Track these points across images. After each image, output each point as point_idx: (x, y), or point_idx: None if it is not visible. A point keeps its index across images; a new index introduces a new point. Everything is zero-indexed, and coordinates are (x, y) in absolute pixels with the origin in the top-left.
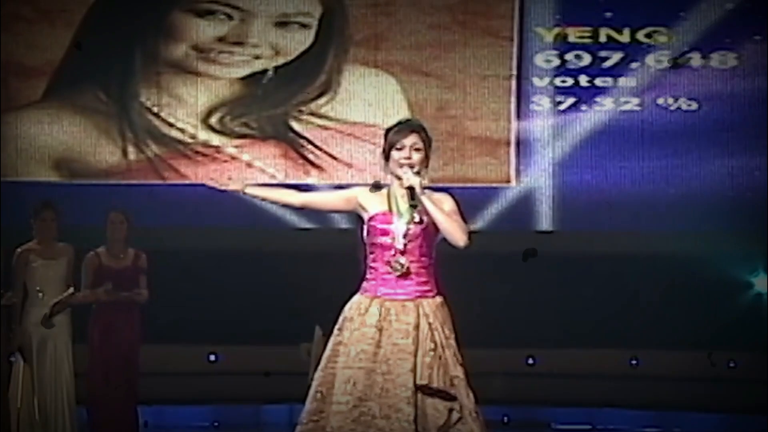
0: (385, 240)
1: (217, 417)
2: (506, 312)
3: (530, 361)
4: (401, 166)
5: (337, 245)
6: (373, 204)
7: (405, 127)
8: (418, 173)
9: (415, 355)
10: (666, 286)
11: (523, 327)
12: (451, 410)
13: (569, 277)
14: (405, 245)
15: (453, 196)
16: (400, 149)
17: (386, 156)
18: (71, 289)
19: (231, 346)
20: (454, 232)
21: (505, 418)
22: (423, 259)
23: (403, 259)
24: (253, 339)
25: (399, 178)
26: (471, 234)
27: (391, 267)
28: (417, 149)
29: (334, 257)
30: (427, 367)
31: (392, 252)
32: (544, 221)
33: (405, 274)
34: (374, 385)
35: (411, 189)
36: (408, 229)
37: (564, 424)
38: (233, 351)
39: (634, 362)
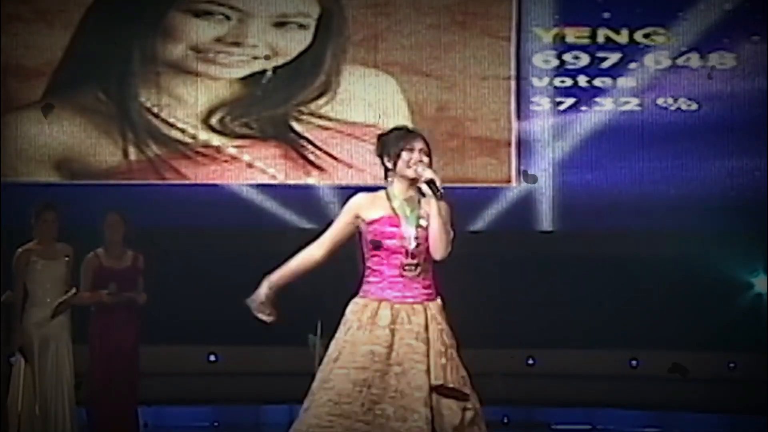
0: (393, 243)
1: (217, 417)
2: (506, 312)
3: (530, 361)
4: (411, 166)
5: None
6: (371, 210)
7: (411, 132)
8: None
9: (428, 356)
10: (666, 286)
11: (523, 327)
12: (464, 409)
13: (569, 277)
14: (416, 247)
15: (450, 204)
16: (410, 150)
17: (394, 160)
18: (74, 290)
19: (231, 346)
20: (441, 244)
21: (505, 418)
22: (426, 262)
23: (415, 262)
24: (253, 339)
25: (411, 180)
26: (472, 234)
27: (404, 270)
28: (425, 153)
29: (334, 257)
30: (440, 368)
31: (402, 255)
32: (545, 221)
33: (414, 277)
34: (388, 388)
35: (432, 182)
36: (418, 232)
37: (564, 424)
38: (233, 351)
39: (634, 362)
